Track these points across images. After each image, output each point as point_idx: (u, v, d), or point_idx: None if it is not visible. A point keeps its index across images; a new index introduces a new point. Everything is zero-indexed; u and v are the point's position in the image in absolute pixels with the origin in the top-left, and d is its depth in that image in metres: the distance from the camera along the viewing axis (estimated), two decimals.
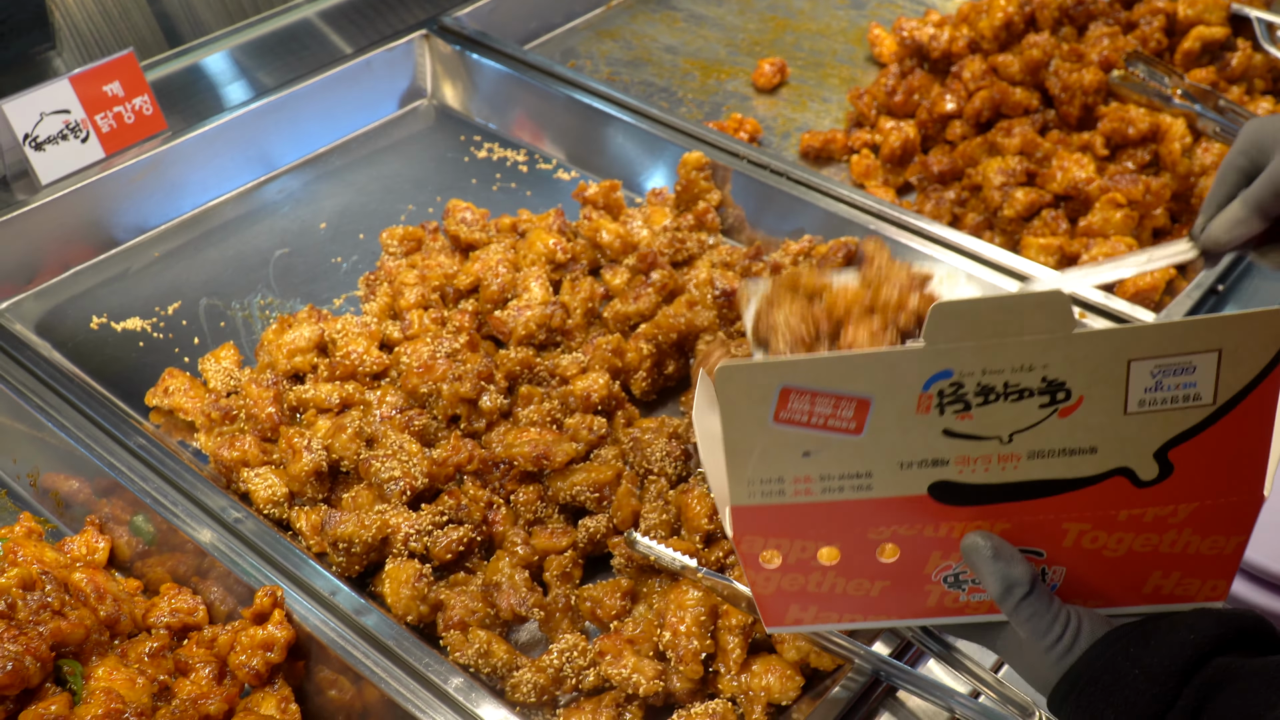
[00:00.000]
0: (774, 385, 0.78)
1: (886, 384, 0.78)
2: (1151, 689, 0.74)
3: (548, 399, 1.30)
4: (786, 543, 0.86)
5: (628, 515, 1.18)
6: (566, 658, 1.06)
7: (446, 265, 1.50)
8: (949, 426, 0.79)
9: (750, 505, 0.82)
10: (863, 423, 0.80)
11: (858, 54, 2.07)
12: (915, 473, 0.81)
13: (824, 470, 0.81)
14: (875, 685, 1.02)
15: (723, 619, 1.08)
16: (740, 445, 0.80)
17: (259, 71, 1.85)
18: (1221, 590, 0.88)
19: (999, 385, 0.78)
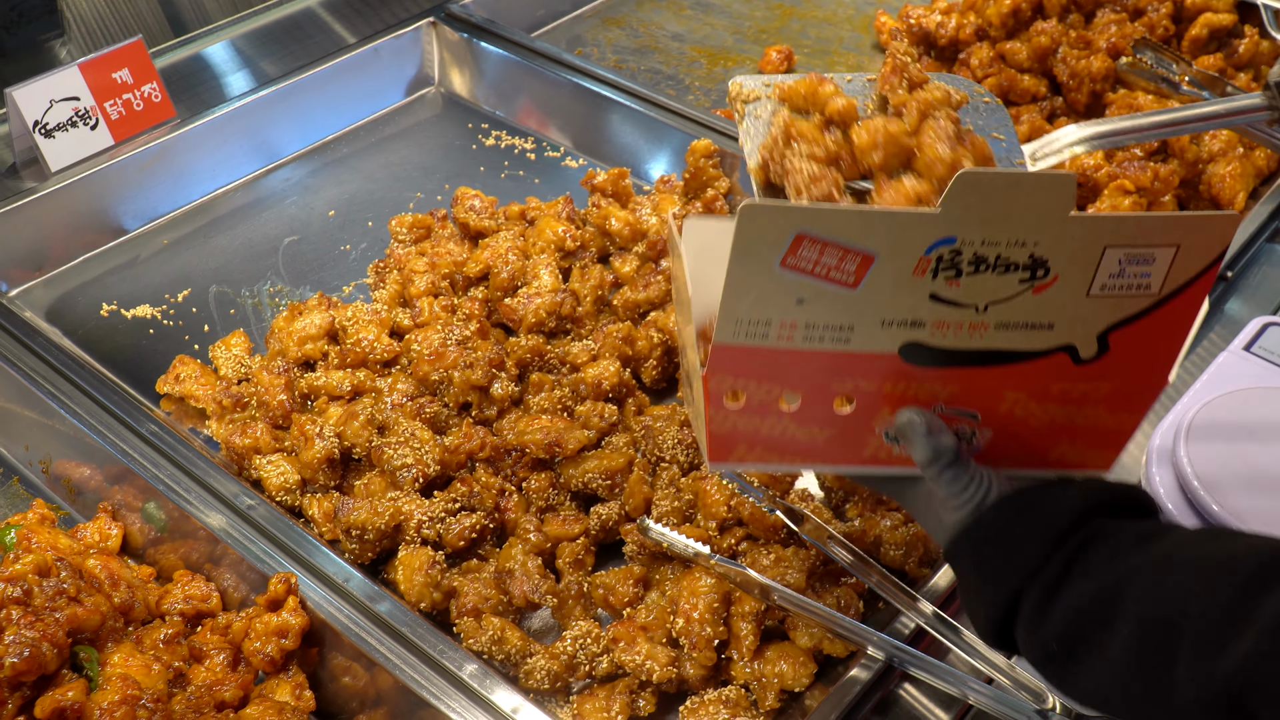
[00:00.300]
0: (791, 230, 0.81)
1: (895, 243, 0.82)
2: (1034, 543, 0.83)
3: (559, 386, 1.30)
4: (754, 385, 0.90)
5: (639, 502, 1.18)
6: (580, 645, 1.07)
7: (456, 253, 1.50)
8: (937, 291, 0.85)
9: (732, 345, 0.86)
10: (861, 278, 0.84)
11: (864, 41, 2.07)
12: (893, 331, 0.87)
13: (810, 319, 0.86)
14: (889, 671, 1.03)
15: (735, 605, 1.08)
16: (741, 285, 0.83)
17: (266, 60, 1.85)
18: (1109, 460, 0.97)
19: (991, 256, 0.84)
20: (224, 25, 1.91)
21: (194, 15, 1.91)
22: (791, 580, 1.08)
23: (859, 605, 1.08)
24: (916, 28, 1.87)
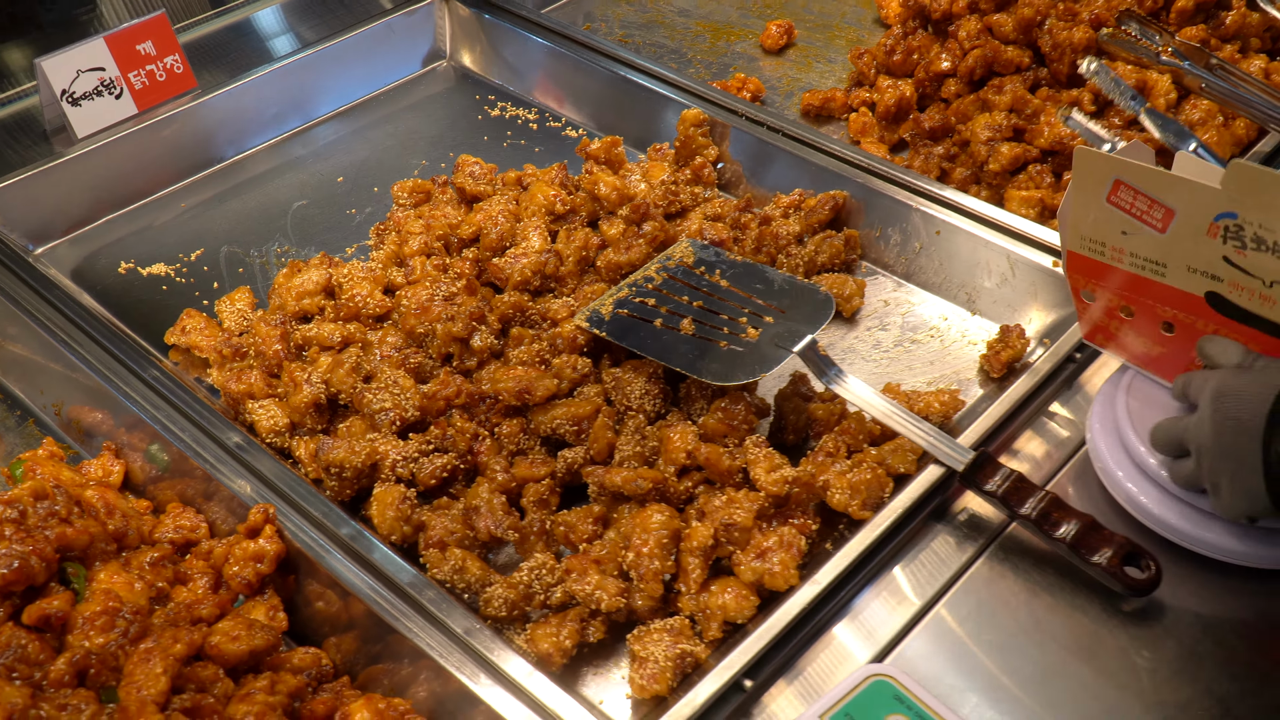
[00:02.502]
0: (1111, 175, 1.07)
1: (1189, 205, 1.03)
2: None
3: (537, 340, 1.37)
4: (1099, 290, 1.18)
5: (603, 447, 1.25)
6: (535, 575, 1.14)
7: (452, 216, 1.57)
8: (1228, 255, 1.04)
9: (1079, 254, 1.15)
10: (1167, 225, 1.06)
11: (866, 16, 2.11)
12: (1198, 279, 1.08)
13: (1133, 249, 1.10)
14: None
15: (684, 542, 1.15)
16: (1082, 208, 1.10)
17: (286, 35, 1.93)
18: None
19: (1270, 240, 1.00)
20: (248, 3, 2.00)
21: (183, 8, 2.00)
22: (739, 519, 1.15)
23: (801, 544, 1.14)
24: (912, 2, 1.91)
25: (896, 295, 1.53)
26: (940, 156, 1.65)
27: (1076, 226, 1.15)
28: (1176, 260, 1.09)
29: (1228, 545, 1.11)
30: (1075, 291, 1.22)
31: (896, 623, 1.10)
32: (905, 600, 1.12)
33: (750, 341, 1.30)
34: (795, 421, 1.31)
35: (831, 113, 1.84)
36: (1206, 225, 1.04)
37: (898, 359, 1.44)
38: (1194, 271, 1.09)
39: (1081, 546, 1.10)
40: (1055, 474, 1.23)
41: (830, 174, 1.61)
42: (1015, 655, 1.07)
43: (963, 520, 1.18)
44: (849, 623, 1.10)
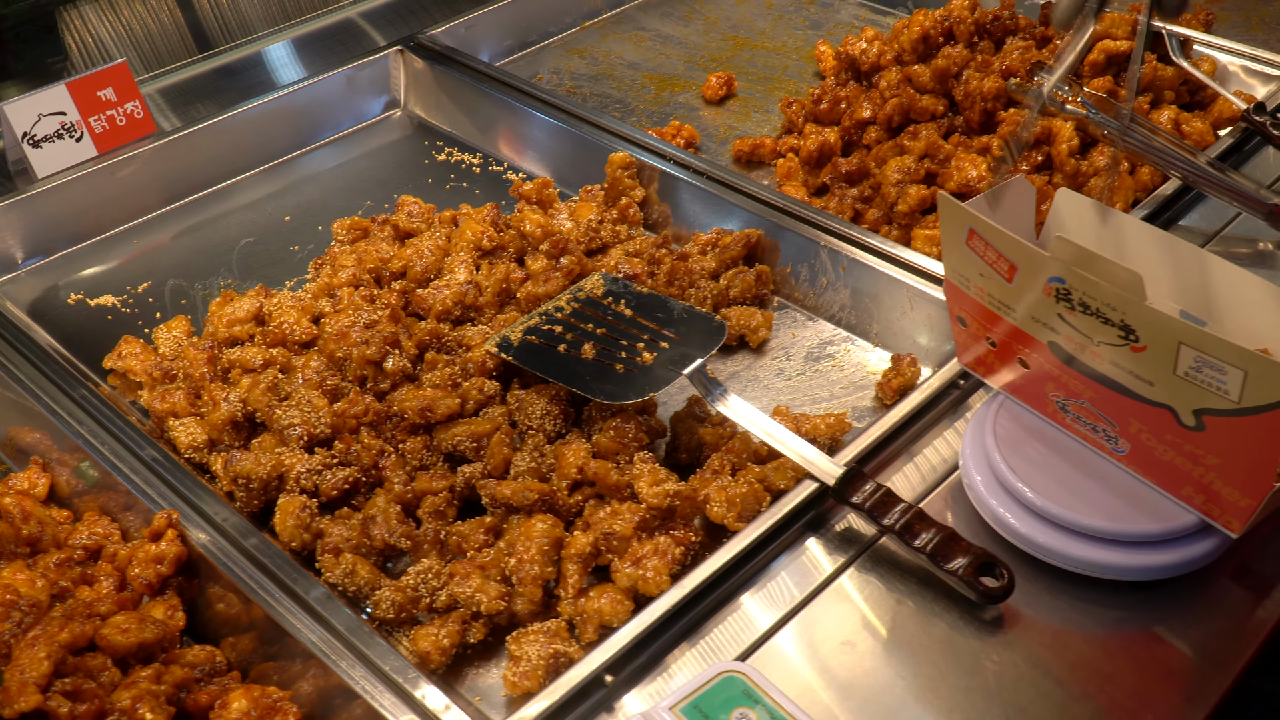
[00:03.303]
0: (966, 224, 1.15)
1: (1026, 264, 1.11)
2: None
3: (450, 365, 1.44)
4: (969, 318, 1.25)
5: (500, 462, 1.32)
6: (422, 579, 1.20)
7: (384, 250, 1.65)
8: (1061, 313, 1.11)
9: (951, 282, 1.24)
10: (1012, 277, 1.14)
11: (806, 70, 2.20)
12: (1040, 327, 1.15)
13: (989, 290, 1.18)
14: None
15: (565, 550, 1.20)
16: (950, 244, 1.19)
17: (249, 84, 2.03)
18: (1236, 527, 1.12)
19: (1094, 306, 1.06)
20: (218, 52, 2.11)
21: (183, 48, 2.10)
22: (618, 529, 1.21)
23: (676, 552, 1.19)
24: (843, 55, 2.00)
25: (804, 327, 1.59)
26: (854, 198, 1.72)
27: (949, 259, 1.22)
28: (1022, 308, 1.16)
29: (1084, 558, 1.16)
30: (952, 316, 1.29)
31: (763, 625, 1.15)
32: (775, 605, 1.17)
33: (645, 365, 1.36)
34: (688, 441, 1.37)
35: (761, 158, 1.92)
36: (1041, 285, 1.11)
37: (799, 387, 1.50)
38: (1036, 321, 1.16)
39: (939, 555, 1.15)
40: (930, 491, 1.28)
41: (749, 214, 1.68)
42: (871, 657, 1.12)
43: (838, 531, 1.24)
44: (718, 625, 1.15)
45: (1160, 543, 1.15)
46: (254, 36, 2.16)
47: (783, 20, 2.37)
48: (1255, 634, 1.15)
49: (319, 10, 2.24)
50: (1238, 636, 1.14)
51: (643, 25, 2.37)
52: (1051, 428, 1.24)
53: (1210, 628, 1.15)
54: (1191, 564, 1.15)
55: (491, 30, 2.25)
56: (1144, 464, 1.16)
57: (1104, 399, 1.14)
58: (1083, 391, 1.16)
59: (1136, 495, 1.17)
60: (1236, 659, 1.12)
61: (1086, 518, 1.15)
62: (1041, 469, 1.20)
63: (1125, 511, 1.16)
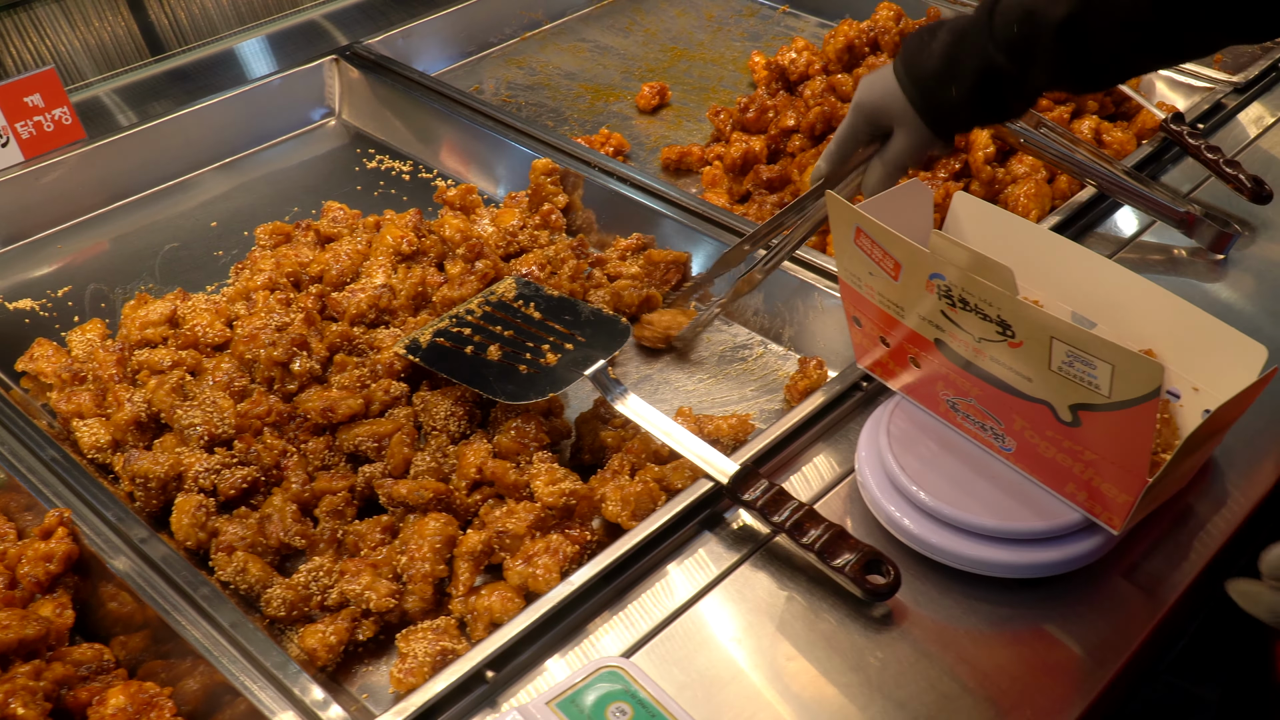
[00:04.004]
0: (852, 222, 1.16)
1: (910, 260, 1.12)
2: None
3: (360, 367, 1.44)
4: (864, 319, 1.26)
5: (399, 462, 1.32)
6: (313, 576, 1.20)
7: (304, 255, 1.65)
8: (944, 310, 1.11)
9: (845, 281, 1.24)
10: (898, 275, 1.14)
11: (742, 80, 2.21)
12: (927, 326, 1.16)
13: (878, 289, 1.19)
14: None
15: (457, 548, 1.21)
16: (841, 245, 1.20)
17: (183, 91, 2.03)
18: (1116, 523, 1.12)
19: (973, 303, 1.07)
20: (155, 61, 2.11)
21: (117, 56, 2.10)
22: (511, 527, 1.21)
23: (567, 550, 1.20)
24: (774, 65, 2.01)
25: (719, 331, 1.60)
26: (774, 205, 1.73)
27: (841, 259, 1.23)
28: (909, 306, 1.17)
29: (971, 556, 1.17)
30: (848, 317, 1.30)
31: (652, 621, 1.15)
32: (665, 601, 1.17)
33: (548, 366, 1.37)
34: (591, 442, 1.37)
35: (689, 166, 1.93)
36: (924, 281, 1.12)
37: (710, 389, 1.51)
38: (924, 319, 1.17)
39: (827, 553, 1.16)
40: (828, 490, 1.29)
41: (672, 220, 1.69)
42: (755, 653, 1.12)
43: (734, 530, 1.24)
44: (607, 621, 1.16)
45: (1046, 540, 1.16)
46: (218, 36, 2.17)
47: (722, 32, 2.39)
48: (1140, 630, 1.15)
49: (286, 10, 2.24)
50: (1123, 633, 1.15)
51: (583, 36, 2.38)
52: (945, 427, 1.25)
53: (1096, 624, 1.15)
54: (1076, 562, 1.16)
55: (431, 40, 2.27)
56: (1030, 461, 1.17)
57: (989, 397, 1.15)
58: (970, 390, 1.17)
59: (1024, 493, 1.18)
60: (1119, 655, 1.13)
61: (974, 516, 1.16)
62: (933, 468, 1.21)
63: (1012, 509, 1.16)
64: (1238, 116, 1.93)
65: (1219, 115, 1.91)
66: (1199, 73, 2.02)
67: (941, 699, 1.08)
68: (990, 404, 1.16)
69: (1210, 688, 1.70)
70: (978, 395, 1.17)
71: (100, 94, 2.02)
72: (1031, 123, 1.77)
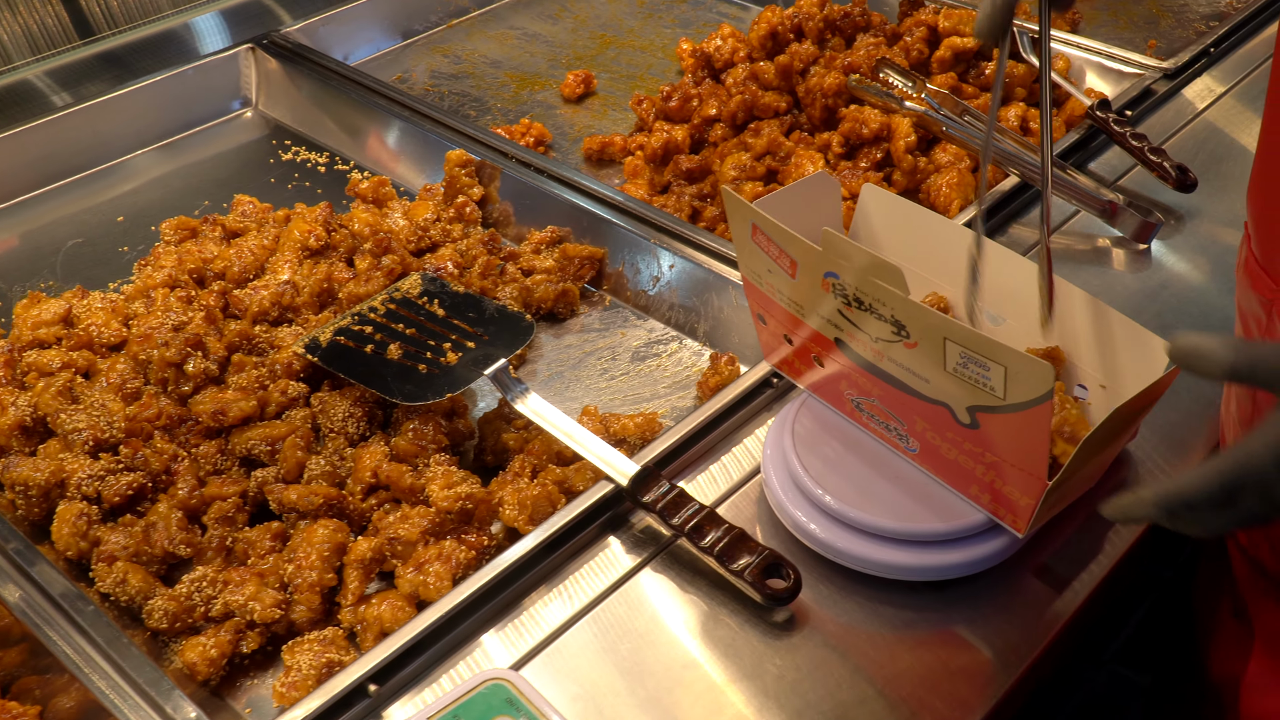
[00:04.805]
0: (748, 219, 1.13)
1: (804, 259, 1.08)
2: None
3: (258, 367, 1.40)
4: (768, 316, 1.22)
5: (293, 466, 1.27)
6: (196, 587, 1.15)
7: (209, 250, 1.60)
8: (841, 309, 1.08)
9: (746, 279, 1.20)
10: (795, 273, 1.11)
11: (670, 68, 2.18)
12: (827, 325, 1.12)
13: (778, 287, 1.15)
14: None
15: (348, 556, 1.17)
16: (740, 241, 1.16)
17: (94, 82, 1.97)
18: (1020, 526, 1.09)
19: (866, 302, 1.04)
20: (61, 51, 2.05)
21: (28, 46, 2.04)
22: (403, 533, 1.17)
23: (460, 556, 1.16)
24: (699, 52, 1.97)
25: (633, 327, 1.56)
26: (692, 196, 1.69)
27: (741, 256, 1.19)
28: (809, 305, 1.13)
29: (874, 558, 1.13)
30: (753, 314, 1.26)
31: (546, 629, 1.12)
32: (561, 607, 1.14)
33: (448, 365, 1.33)
34: (494, 444, 1.33)
35: (612, 156, 1.89)
36: (819, 280, 1.09)
37: (621, 387, 1.47)
38: (823, 318, 1.13)
39: (726, 556, 1.12)
40: (734, 491, 1.26)
41: (590, 213, 1.65)
42: (651, 660, 1.09)
43: (639, 532, 1.21)
44: (500, 630, 1.12)
45: (951, 542, 1.13)
46: (161, 15, 2.11)
47: (653, 19, 2.35)
48: (1048, 630, 1.13)
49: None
50: (1031, 634, 1.12)
51: (511, 23, 2.34)
52: (851, 426, 1.22)
53: (1004, 626, 1.13)
54: (983, 563, 1.13)
55: (354, 28, 2.22)
56: (933, 462, 1.14)
57: (891, 397, 1.12)
58: (872, 390, 1.14)
59: (929, 494, 1.15)
60: (1025, 656, 1.10)
61: (877, 518, 1.13)
62: (837, 469, 1.17)
63: (916, 511, 1.13)
64: (1167, 103, 1.91)
65: (1148, 102, 1.89)
66: (1129, 59, 1.99)
67: (840, 706, 1.05)
68: (892, 404, 1.13)
69: (1150, 676, 1.70)
70: (880, 396, 1.14)
71: (29, 76, 1.95)
72: (956, 110, 1.74)
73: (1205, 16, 2.29)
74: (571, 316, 1.58)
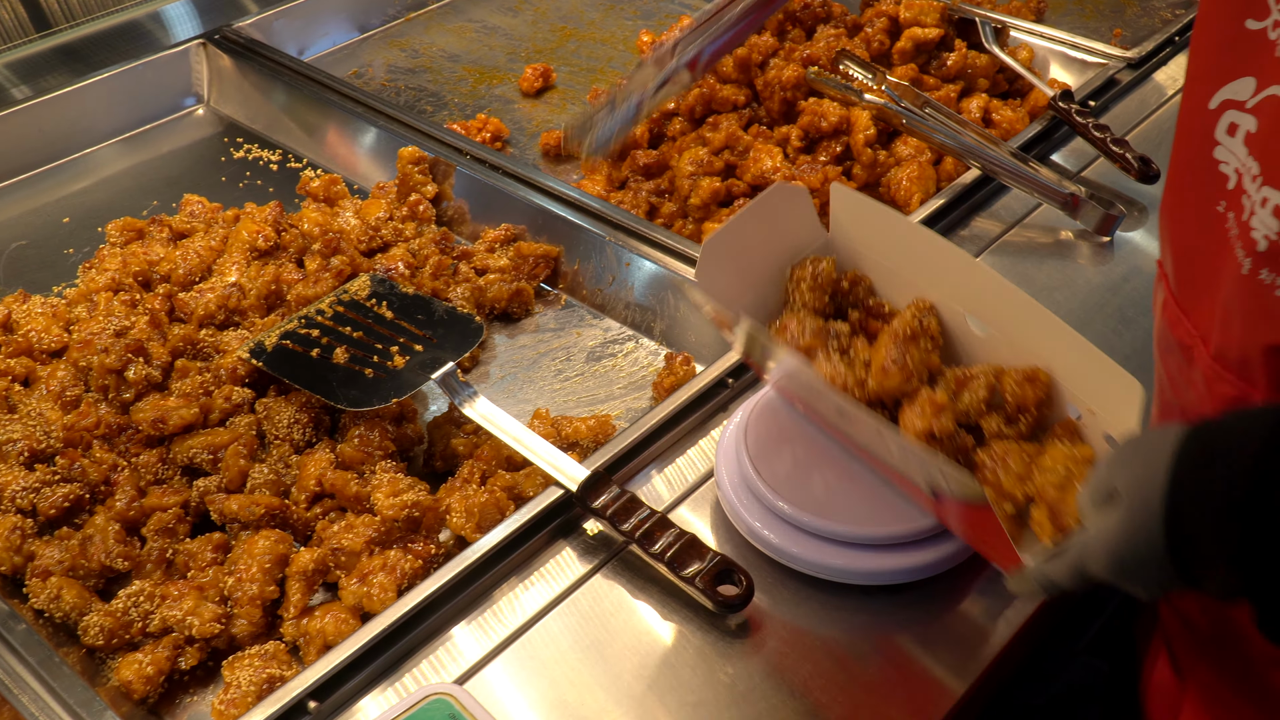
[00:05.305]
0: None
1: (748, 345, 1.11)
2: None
3: (203, 373, 1.36)
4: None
5: (235, 475, 1.24)
6: (133, 601, 1.12)
7: (155, 252, 1.57)
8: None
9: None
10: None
11: (632, 60, 2.14)
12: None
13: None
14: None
15: (290, 567, 1.14)
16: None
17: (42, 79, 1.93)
18: (1010, 569, 0.96)
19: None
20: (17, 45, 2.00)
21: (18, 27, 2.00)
22: (347, 544, 1.14)
23: (405, 566, 1.13)
24: (658, 44, 1.94)
25: (589, 326, 1.54)
26: (649, 192, 1.67)
27: None
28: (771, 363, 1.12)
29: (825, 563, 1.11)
30: None
31: (495, 639, 1.09)
32: (509, 618, 1.11)
33: (395, 369, 1.30)
34: (443, 449, 1.30)
35: (570, 152, 1.86)
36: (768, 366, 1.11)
37: (575, 388, 1.45)
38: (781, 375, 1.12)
39: (677, 563, 1.10)
40: (689, 494, 1.23)
41: (546, 211, 1.62)
42: (601, 671, 1.06)
43: (590, 538, 1.18)
44: (446, 642, 1.09)
45: (905, 545, 1.11)
46: (121, 6, 2.06)
47: (614, 10, 2.31)
48: (1006, 633, 1.11)
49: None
50: (986, 638, 1.10)
51: (470, 16, 2.30)
52: (806, 428, 1.20)
53: (957, 631, 1.11)
54: (937, 566, 1.11)
55: (307, 22, 2.17)
56: (889, 471, 1.11)
57: (862, 451, 1.10)
58: (844, 439, 1.11)
59: (884, 498, 1.12)
60: (982, 661, 1.08)
61: (830, 523, 1.11)
62: (791, 473, 1.15)
63: (870, 515, 1.11)
64: (1131, 93, 1.89)
65: (1112, 92, 1.87)
66: (1093, 48, 1.97)
67: (793, 716, 1.03)
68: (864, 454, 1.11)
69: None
70: (850, 445, 1.11)
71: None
72: (917, 103, 1.72)
73: (1171, 4, 2.27)
74: (526, 316, 1.55)
